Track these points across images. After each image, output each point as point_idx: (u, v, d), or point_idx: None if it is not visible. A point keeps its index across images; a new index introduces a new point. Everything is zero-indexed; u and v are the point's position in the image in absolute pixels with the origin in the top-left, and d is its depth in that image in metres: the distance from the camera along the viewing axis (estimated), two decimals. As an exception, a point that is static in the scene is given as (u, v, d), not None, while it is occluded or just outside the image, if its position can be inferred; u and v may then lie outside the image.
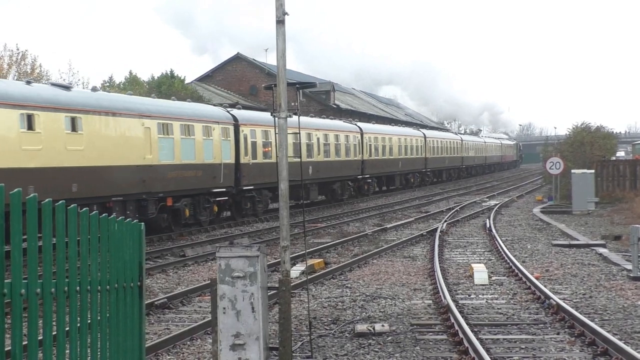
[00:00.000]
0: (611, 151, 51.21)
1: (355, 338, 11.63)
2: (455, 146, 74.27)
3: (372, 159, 48.13)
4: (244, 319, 9.11)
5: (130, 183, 23.86)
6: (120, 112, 23.61)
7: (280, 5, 9.60)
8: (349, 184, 44.73)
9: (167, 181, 25.69)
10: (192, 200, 27.63)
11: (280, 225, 9.79)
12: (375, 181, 50.18)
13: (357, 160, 45.45)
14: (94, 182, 22.20)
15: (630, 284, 15.94)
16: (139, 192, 24.25)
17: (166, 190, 25.72)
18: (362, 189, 47.25)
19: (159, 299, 14.43)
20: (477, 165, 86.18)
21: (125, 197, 23.56)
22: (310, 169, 37.98)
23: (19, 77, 50.28)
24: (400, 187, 55.94)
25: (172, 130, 26.14)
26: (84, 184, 21.72)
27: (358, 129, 46.58)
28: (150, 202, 24.81)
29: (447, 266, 18.88)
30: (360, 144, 46.08)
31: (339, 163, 42.61)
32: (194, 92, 56.71)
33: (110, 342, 6.65)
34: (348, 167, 44.06)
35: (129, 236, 7.07)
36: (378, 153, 49.70)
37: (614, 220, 29.67)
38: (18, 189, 5.45)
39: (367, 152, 47.27)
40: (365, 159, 46.75)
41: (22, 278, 5.47)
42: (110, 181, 22.92)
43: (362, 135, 46.57)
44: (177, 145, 26.36)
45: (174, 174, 26.11)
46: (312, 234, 26.79)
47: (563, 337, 11.49)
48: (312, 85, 14.24)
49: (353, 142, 44.80)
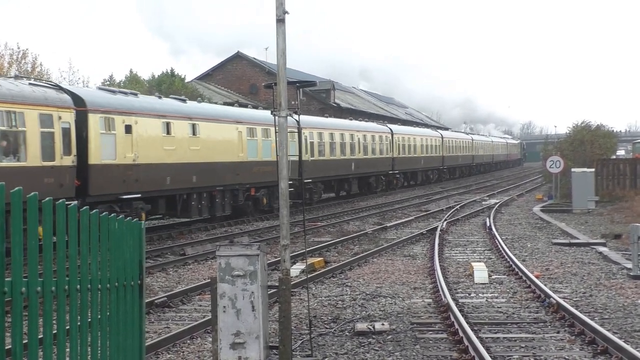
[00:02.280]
0: (611, 150, 51.20)
1: (355, 337, 11.64)
2: (467, 145, 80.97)
3: (400, 157, 54.69)
4: (244, 318, 9.11)
5: (228, 176, 29.90)
6: (222, 119, 29.96)
7: (280, 4, 9.60)
8: (381, 178, 51.18)
9: (252, 174, 31.71)
10: (267, 191, 33.36)
11: (280, 223, 9.80)
12: (402, 176, 56.60)
13: (389, 158, 52.12)
14: (207, 175, 28.12)
15: (630, 283, 15.94)
16: (234, 184, 30.41)
17: (251, 182, 31.88)
18: (391, 183, 53.47)
19: (159, 298, 14.44)
20: (485, 163, 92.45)
21: (225, 187, 29.80)
22: (352, 165, 44.45)
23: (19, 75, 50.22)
24: (421, 183, 61.76)
25: (256, 133, 32.40)
26: (200, 177, 27.65)
27: (389, 130, 53.32)
28: (241, 191, 31.20)
29: (447, 265, 18.89)
30: (391, 143, 52.59)
31: (375, 160, 48.88)
32: (194, 90, 56.67)
33: (111, 341, 6.66)
34: (381, 163, 50.47)
35: (129, 235, 7.07)
36: (405, 151, 56.21)
37: (614, 219, 29.67)
38: (19, 187, 5.45)
39: (397, 151, 53.86)
40: (395, 156, 53.25)
41: (22, 276, 5.47)
42: (216, 174, 28.90)
43: (392, 135, 53.15)
44: (259, 145, 32.53)
45: (257, 168, 31.98)
46: (312, 233, 26.79)
47: (563, 335, 11.49)
48: (312, 84, 14.24)
49: (385, 142, 51.42)
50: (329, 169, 41.21)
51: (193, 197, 27.70)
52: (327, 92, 68.57)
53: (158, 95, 28.84)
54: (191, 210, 27.76)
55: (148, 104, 25.92)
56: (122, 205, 23.69)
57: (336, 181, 43.64)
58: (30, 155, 19.99)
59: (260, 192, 32.73)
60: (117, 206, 23.28)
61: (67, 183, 21.19)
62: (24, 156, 19.90)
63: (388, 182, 52.49)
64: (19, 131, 19.69)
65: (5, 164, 19.16)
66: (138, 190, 24.41)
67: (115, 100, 24.20)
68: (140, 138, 24.47)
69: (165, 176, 25.58)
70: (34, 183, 19.38)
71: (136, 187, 24.35)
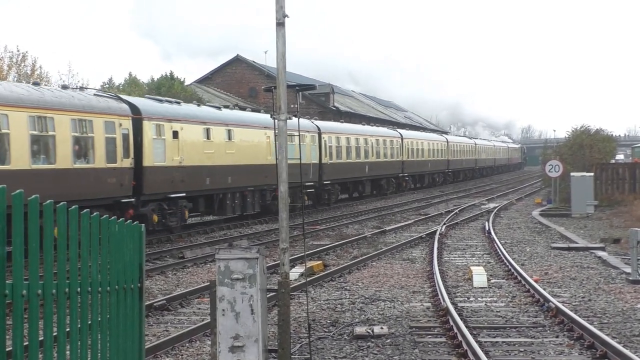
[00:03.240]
0: (610, 154, 51.20)
1: (354, 340, 11.64)
2: (471, 149, 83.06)
3: (409, 160, 57.35)
4: (243, 321, 9.12)
5: (258, 177, 32.27)
6: (253, 125, 32.61)
7: (280, 7, 9.62)
8: (392, 181, 53.79)
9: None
10: (292, 192, 33.26)
11: (280, 227, 9.80)
12: (411, 179, 58.88)
13: (399, 161, 54.75)
14: (240, 176, 30.60)
15: (629, 287, 15.95)
16: (262, 184, 32.78)
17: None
18: (401, 185, 55.92)
19: (158, 301, 14.44)
20: (487, 167, 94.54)
21: (255, 187, 32.41)
22: (366, 168, 46.92)
23: (19, 78, 50.27)
24: (428, 185, 64.13)
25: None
26: (234, 178, 30.15)
27: (399, 135, 55.89)
28: (268, 192, 33.58)
29: (446, 269, 18.89)
30: (401, 147, 55.12)
31: (386, 163, 51.50)
32: (193, 94, 56.66)
33: (111, 344, 6.67)
34: (392, 166, 53.05)
35: (129, 238, 7.08)
36: (414, 155, 58.79)
37: (613, 223, 29.69)
38: (20, 190, 5.47)
39: (406, 155, 56.46)
40: (404, 160, 55.86)
41: (23, 279, 5.48)
42: (248, 176, 31.34)
43: (402, 140, 55.70)
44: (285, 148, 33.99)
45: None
46: (311, 236, 26.79)
47: (562, 340, 11.50)
48: (312, 87, 14.23)
49: (396, 146, 54.07)
50: (346, 172, 43.73)
51: (228, 197, 30.13)
52: (326, 95, 68.60)
53: (197, 103, 31.63)
54: (226, 208, 30.27)
55: (190, 112, 28.59)
56: (169, 203, 26.17)
57: (351, 183, 46.35)
58: (97, 157, 22.56)
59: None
60: (165, 204, 25.86)
61: (126, 183, 23.75)
62: (92, 159, 22.47)
63: (398, 185, 55.17)
64: (88, 137, 22.26)
65: (78, 166, 21.83)
66: (183, 189, 26.83)
67: (164, 108, 26.76)
68: (185, 143, 26.98)
69: (205, 177, 28.09)
70: (100, 182, 22.55)
71: (181, 187, 26.77)
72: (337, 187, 42.90)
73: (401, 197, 51.03)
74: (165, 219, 25.86)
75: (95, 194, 22.28)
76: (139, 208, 24.40)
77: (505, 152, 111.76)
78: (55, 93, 22.02)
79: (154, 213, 25.15)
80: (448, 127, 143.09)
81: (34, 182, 19.19)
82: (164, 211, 25.80)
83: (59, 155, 20.96)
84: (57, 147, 20.90)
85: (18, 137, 19.45)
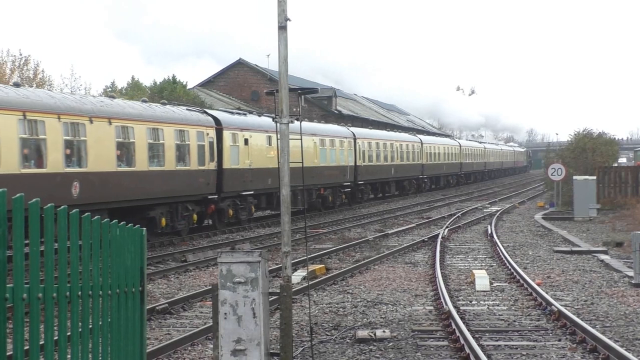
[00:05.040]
0: (613, 157, 51.15)
1: (357, 344, 11.63)
2: (480, 153, 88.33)
3: (428, 163, 62.41)
4: (245, 325, 9.11)
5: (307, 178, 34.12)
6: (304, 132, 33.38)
7: (282, 11, 9.62)
8: (413, 182, 58.82)
9: (323, 177, 39.25)
10: (332, 191, 41.21)
11: (282, 230, 9.80)
12: (429, 180, 63.92)
13: (419, 164, 59.90)
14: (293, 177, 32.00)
15: (631, 291, 15.93)
16: (310, 184, 36.37)
17: (322, 183, 39.37)
18: (420, 186, 60.86)
19: (161, 304, 14.43)
20: (495, 170, 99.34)
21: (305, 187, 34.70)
22: (392, 170, 52.16)
23: (21, 81, 50.29)
24: (443, 187, 69.07)
25: (325, 143, 40.24)
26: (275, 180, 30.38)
27: (419, 140, 61.43)
28: (314, 191, 38.40)
29: (449, 272, 18.87)
30: (421, 151, 60.35)
31: (409, 166, 56.76)
32: (195, 97, 56.70)
33: (112, 347, 6.66)
34: (413, 169, 58.36)
35: (130, 241, 7.08)
36: (431, 159, 63.74)
37: (615, 226, 29.65)
38: (20, 194, 5.46)
39: (425, 158, 61.61)
40: (424, 163, 60.96)
41: (23, 283, 5.48)
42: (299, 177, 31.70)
43: (422, 145, 61.05)
44: (328, 153, 40.53)
45: (326, 172, 39.71)
46: (313, 240, 26.79)
47: (564, 343, 11.48)
48: (314, 90, 14.24)
49: (417, 150, 59.30)
50: (376, 173, 48.93)
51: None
52: (328, 99, 68.58)
53: (258, 114, 36.32)
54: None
55: (255, 122, 33.05)
56: (241, 200, 30.88)
57: (380, 184, 51.39)
58: (192, 161, 27.22)
59: (327, 192, 40.58)
60: (237, 200, 30.57)
61: (211, 182, 28.58)
62: (188, 162, 27.06)
63: (418, 186, 60.27)
64: (185, 144, 26.91)
65: (179, 168, 26.52)
66: (251, 188, 31.46)
67: (237, 119, 31.76)
68: (253, 148, 31.69)
69: (267, 177, 31.90)
70: (194, 182, 27.27)
71: (250, 186, 31.37)
72: (368, 187, 47.98)
73: (420, 197, 55.75)
74: (237, 213, 30.60)
75: (190, 191, 27.16)
76: (218, 203, 29.10)
77: (512, 155, 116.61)
78: (162, 109, 26.86)
79: (230, 208, 29.96)
80: (450, 130, 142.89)
81: (150, 181, 24.71)
82: (237, 206, 30.60)
83: (167, 160, 25.70)
84: (165, 152, 25.64)
85: (140, 145, 24.39)
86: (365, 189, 46.96)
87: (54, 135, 20.65)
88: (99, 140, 22.35)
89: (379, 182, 50.53)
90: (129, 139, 23.71)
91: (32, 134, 20.06)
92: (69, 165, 21.34)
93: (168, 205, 26.08)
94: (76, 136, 21.55)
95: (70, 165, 21.38)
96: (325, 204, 40.76)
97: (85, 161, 21.89)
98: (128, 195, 23.76)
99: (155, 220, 25.23)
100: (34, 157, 20.31)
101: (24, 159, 19.71)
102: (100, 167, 22.43)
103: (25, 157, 19.87)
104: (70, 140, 21.31)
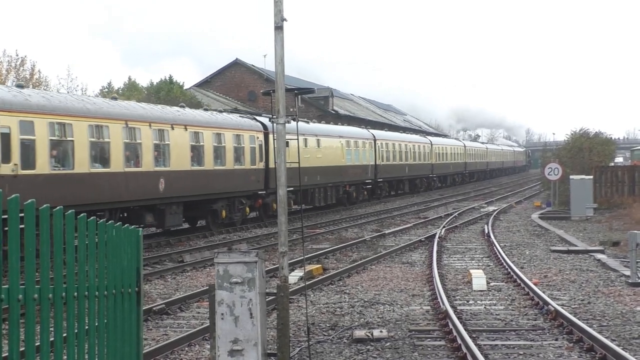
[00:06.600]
0: (609, 157, 51.17)
1: (354, 344, 11.62)
2: (482, 153, 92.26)
3: (436, 163, 66.50)
4: (242, 325, 9.10)
5: (335, 176, 41.22)
6: (331, 135, 41.64)
7: (278, 11, 9.61)
8: (424, 180, 62.98)
9: (349, 175, 43.48)
10: (355, 188, 45.72)
11: (279, 231, 9.79)
12: (438, 179, 67.86)
13: (429, 164, 63.79)
14: (324, 175, 39.27)
15: (628, 290, 15.94)
16: (337, 182, 41.75)
17: (347, 180, 43.64)
18: (430, 185, 64.74)
19: (157, 305, 14.42)
20: (496, 169, 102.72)
21: (333, 184, 41.34)
22: (406, 169, 56.36)
23: (17, 82, 50.20)
24: (449, 185, 72.88)
25: (351, 144, 44.33)
26: (321, 176, 38.88)
27: (429, 142, 65.64)
28: (341, 187, 42.98)
29: (446, 272, 18.87)
30: (430, 152, 64.36)
31: (420, 165, 60.92)
32: (192, 97, 56.64)
33: (108, 348, 6.65)
34: (424, 168, 62.37)
35: (126, 242, 7.06)
36: (440, 159, 67.99)
37: (612, 226, 29.66)
38: (16, 194, 5.45)
39: (434, 158, 65.62)
40: (433, 162, 64.94)
41: (19, 283, 5.46)
42: (329, 175, 40.03)
43: (431, 145, 65.23)
44: (353, 153, 44.55)
45: (351, 171, 43.83)
46: (310, 240, 26.77)
47: (561, 343, 11.48)
48: (311, 91, 14.21)
49: (427, 151, 63.34)
50: (393, 172, 53.16)
51: (316, 191, 38.86)
52: (325, 99, 68.57)
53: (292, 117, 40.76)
54: (315, 200, 38.97)
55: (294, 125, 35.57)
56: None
57: (395, 181, 55.31)
58: (246, 161, 31.27)
59: (351, 188, 44.54)
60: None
61: (261, 180, 32.27)
62: (243, 162, 31.07)
63: (428, 184, 64.31)
64: (241, 147, 30.89)
65: (236, 167, 30.45)
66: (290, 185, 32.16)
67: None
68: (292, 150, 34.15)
69: (304, 176, 34.59)
70: (247, 179, 31.21)
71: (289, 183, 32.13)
72: (386, 184, 52.52)
73: (429, 194, 59.17)
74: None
75: (244, 187, 31.16)
76: (265, 198, 32.71)
77: (512, 155, 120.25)
78: (223, 116, 31.64)
79: (274, 202, 31.86)
80: (448, 130, 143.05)
81: (215, 178, 28.68)
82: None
83: (227, 160, 29.78)
84: (226, 154, 29.77)
85: (208, 148, 28.49)
86: (383, 186, 51.58)
87: (147, 140, 24.73)
88: (178, 144, 26.47)
89: (395, 179, 54.59)
90: (200, 142, 27.97)
91: (132, 139, 24.04)
92: (157, 165, 25.35)
93: (227, 199, 30.09)
94: (162, 140, 25.66)
95: (158, 165, 25.39)
96: (350, 200, 45.12)
97: (169, 161, 25.94)
98: (198, 191, 27.74)
99: (217, 212, 29.40)
100: (133, 158, 24.19)
101: (126, 159, 23.67)
102: (179, 167, 26.46)
103: (127, 158, 23.77)
104: (158, 144, 25.43)
